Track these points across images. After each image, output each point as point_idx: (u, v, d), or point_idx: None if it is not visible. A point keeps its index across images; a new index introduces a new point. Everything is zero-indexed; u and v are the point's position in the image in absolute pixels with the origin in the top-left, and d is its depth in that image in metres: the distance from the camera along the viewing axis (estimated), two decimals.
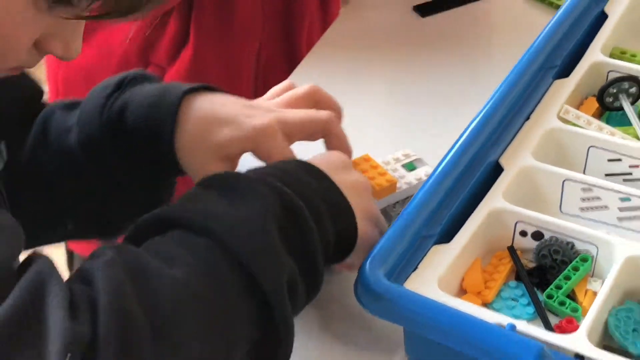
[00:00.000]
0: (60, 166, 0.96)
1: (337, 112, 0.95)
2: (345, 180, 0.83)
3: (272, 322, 0.72)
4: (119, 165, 0.94)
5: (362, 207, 0.83)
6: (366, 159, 0.96)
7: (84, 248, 1.40)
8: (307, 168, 0.84)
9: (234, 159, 0.93)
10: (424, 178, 0.96)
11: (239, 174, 0.81)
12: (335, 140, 0.93)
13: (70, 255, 1.47)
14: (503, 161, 0.92)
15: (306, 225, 0.77)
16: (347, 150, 0.94)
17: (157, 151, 0.94)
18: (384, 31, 1.31)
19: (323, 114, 0.93)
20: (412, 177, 0.97)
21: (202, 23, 1.26)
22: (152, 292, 0.68)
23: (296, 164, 0.85)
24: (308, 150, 0.91)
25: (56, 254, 1.44)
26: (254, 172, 0.83)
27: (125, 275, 0.68)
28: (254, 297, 0.71)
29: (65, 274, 0.82)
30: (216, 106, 0.93)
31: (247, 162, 0.92)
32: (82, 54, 0.98)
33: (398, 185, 0.94)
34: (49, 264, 0.68)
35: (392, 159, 0.98)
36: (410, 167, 0.98)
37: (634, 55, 1.08)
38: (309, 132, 0.93)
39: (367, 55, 1.27)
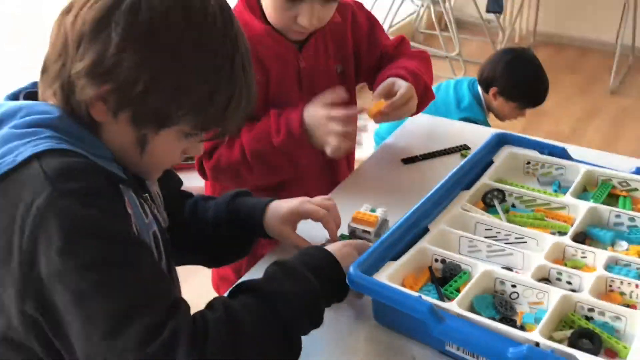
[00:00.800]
0: (201, 230, 1.04)
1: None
2: (350, 263, 0.92)
3: (292, 352, 0.81)
4: (231, 234, 1.05)
5: None
6: (358, 212, 1.09)
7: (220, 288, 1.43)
8: (329, 259, 0.90)
9: (293, 224, 1.05)
10: (383, 213, 1.10)
11: (290, 267, 0.85)
12: (333, 213, 1.05)
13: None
14: (430, 226, 1.05)
15: (320, 304, 0.86)
16: (338, 217, 1.05)
17: (254, 228, 1.05)
18: (381, 173, 1.37)
19: (329, 201, 1.06)
20: (378, 213, 1.10)
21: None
22: (238, 339, 0.74)
23: (325, 255, 0.90)
24: None
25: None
26: (301, 259, 0.88)
27: (225, 328, 0.74)
28: (285, 342, 0.80)
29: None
30: (278, 203, 1.05)
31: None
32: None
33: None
34: (185, 314, 0.73)
35: (363, 210, 1.10)
36: (373, 210, 1.11)
37: (505, 182, 1.19)
38: (322, 205, 1.04)
39: (370, 184, 1.32)
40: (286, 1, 1.14)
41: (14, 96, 0.82)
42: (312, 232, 1.08)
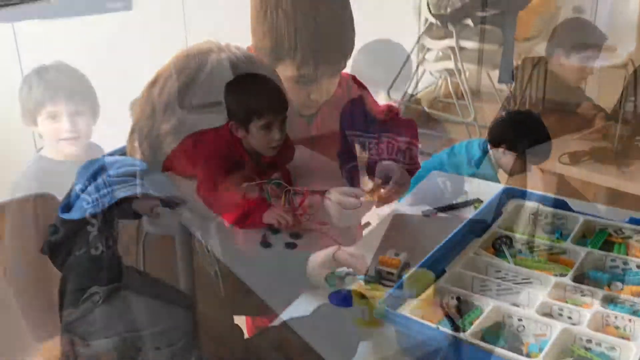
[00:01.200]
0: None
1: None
2: None
3: None
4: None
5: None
6: (383, 256, 1.13)
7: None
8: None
9: (327, 267, 1.09)
10: (405, 257, 1.13)
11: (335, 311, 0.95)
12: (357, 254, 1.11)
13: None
14: (447, 269, 1.08)
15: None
16: (366, 264, 1.10)
17: (296, 278, 1.08)
18: (404, 223, 1.37)
19: (358, 251, 1.12)
20: (401, 257, 1.14)
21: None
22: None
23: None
24: None
25: None
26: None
27: (275, 352, 0.83)
28: None
29: None
30: (315, 254, 1.10)
31: None
32: None
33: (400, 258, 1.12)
34: (239, 338, 0.83)
35: (388, 255, 1.15)
36: (397, 254, 1.15)
37: (513, 230, 1.21)
38: (352, 254, 1.11)
39: (395, 233, 1.31)
40: (300, 84, 1.23)
41: (110, 154, 0.93)
42: None
